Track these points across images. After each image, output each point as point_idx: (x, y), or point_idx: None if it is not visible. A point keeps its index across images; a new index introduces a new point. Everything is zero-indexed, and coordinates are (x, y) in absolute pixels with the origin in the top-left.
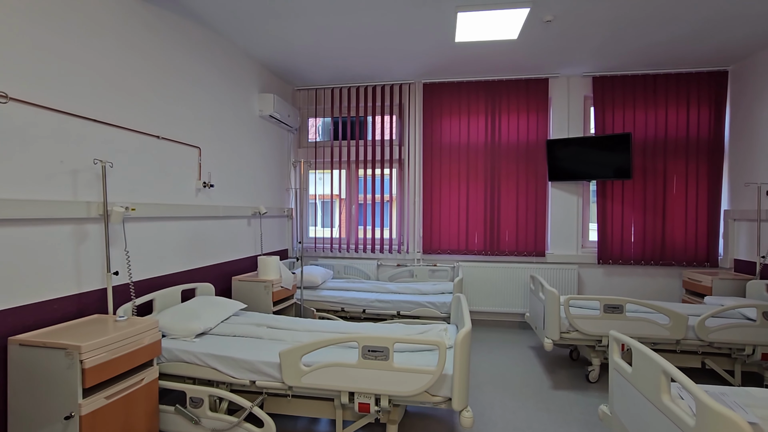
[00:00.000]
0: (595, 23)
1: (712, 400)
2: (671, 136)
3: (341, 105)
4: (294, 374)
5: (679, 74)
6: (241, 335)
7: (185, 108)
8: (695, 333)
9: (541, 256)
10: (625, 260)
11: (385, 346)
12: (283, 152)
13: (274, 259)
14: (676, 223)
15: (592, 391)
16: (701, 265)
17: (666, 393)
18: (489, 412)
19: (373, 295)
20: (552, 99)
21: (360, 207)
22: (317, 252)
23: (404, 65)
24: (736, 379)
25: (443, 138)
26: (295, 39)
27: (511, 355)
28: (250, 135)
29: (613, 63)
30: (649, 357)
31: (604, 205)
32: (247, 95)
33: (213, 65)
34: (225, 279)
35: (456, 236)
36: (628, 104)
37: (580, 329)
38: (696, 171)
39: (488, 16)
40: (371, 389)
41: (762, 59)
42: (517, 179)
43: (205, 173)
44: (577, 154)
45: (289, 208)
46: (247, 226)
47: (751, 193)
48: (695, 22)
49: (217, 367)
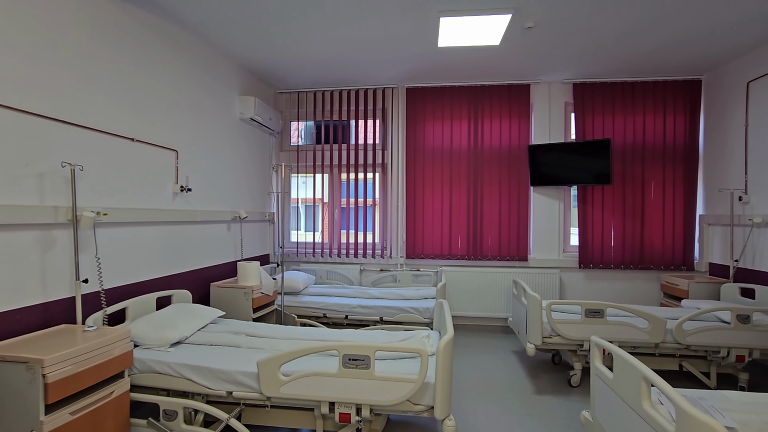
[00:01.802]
0: (574, 31)
1: (691, 407)
2: (649, 143)
3: (324, 108)
4: (272, 384)
5: (655, 82)
6: (218, 344)
7: (162, 110)
8: (673, 336)
9: (524, 261)
10: (605, 264)
11: (367, 355)
12: (265, 156)
13: (255, 264)
14: (654, 228)
15: (574, 396)
16: (678, 269)
17: (646, 399)
18: (472, 418)
19: (355, 301)
20: (534, 105)
21: (343, 211)
22: (299, 257)
23: (387, 69)
24: (711, 380)
25: (426, 142)
26: (276, 42)
27: (494, 360)
28: (230, 138)
29: (592, 70)
30: (630, 363)
31: (584, 210)
32: (227, 98)
33: (191, 67)
34: (203, 285)
35: (439, 241)
36: (608, 111)
37: (562, 334)
38: (672, 177)
39: (471, 21)
40: (352, 399)
41: (732, 69)
42: (500, 184)
43: (183, 177)
44: (559, 160)
45: (270, 213)
46: (227, 230)
47: (725, 199)
48: (670, 33)
49: (192, 377)
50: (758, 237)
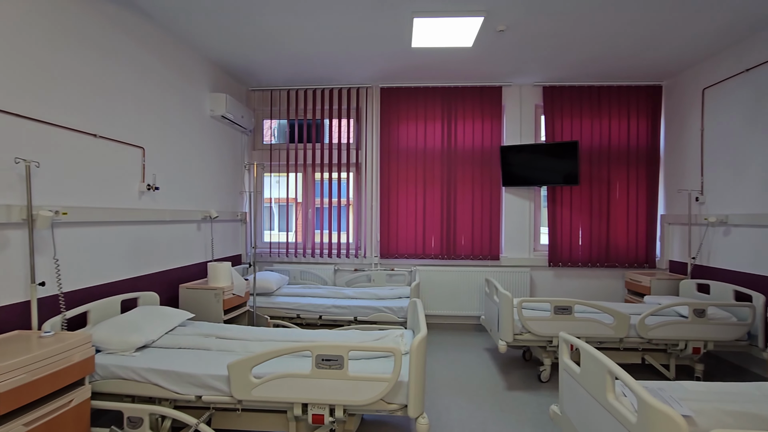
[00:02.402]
0: (544, 35)
1: (652, 397)
2: (614, 145)
3: (297, 107)
4: (243, 387)
5: (620, 87)
6: (187, 347)
7: (128, 106)
8: (636, 331)
9: (496, 260)
10: (573, 262)
11: (340, 355)
12: (237, 154)
13: (226, 265)
14: (619, 227)
15: (543, 391)
16: (641, 266)
17: (611, 392)
18: (445, 416)
19: (329, 301)
20: (505, 106)
21: (317, 211)
22: (272, 257)
23: (362, 69)
24: (671, 372)
25: (400, 142)
26: (249, 39)
27: (468, 357)
28: (201, 136)
29: (561, 74)
30: (595, 357)
31: (554, 210)
32: (197, 94)
33: (159, 62)
34: (172, 287)
35: (413, 241)
36: (576, 113)
37: (533, 331)
38: (636, 178)
39: (444, 23)
40: (325, 400)
41: (689, 76)
42: (473, 184)
43: (150, 175)
44: (529, 161)
45: (242, 212)
46: (197, 230)
47: (683, 199)
48: (633, 40)
49: (159, 382)
50: (713, 236)
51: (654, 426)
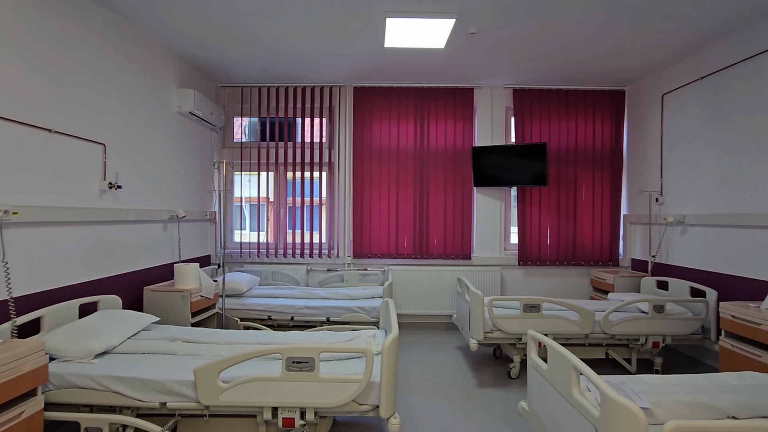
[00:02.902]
0: (514, 39)
1: (614, 392)
2: (580, 147)
3: (269, 105)
4: (211, 392)
5: (586, 91)
6: (151, 352)
7: (87, 100)
8: (601, 327)
9: (468, 259)
10: (542, 261)
11: (311, 357)
12: (206, 152)
13: (193, 266)
14: (585, 227)
15: (513, 387)
16: (605, 264)
17: (576, 387)
18: (418, 415)
19: (301, 302)
20: (477, 108)
21: (289, 210)
22: (243, 258)
23: (335, 67)
24: (632, 366)
25: (373, 142)
26: (218, 34)
27: (440, 356)
28: (167, 132)
29: (531, 77)
30: (561, 354)
31: (523, 210)
32: (163, 89)
33: (123, 55)
34: (136, 290)
35: (386, 240)
36: (544, 116)
37: (502, 328)
38: (601, 179)
39: (416, 23)
40: (296, 402)
41: (650, 82)
42: (445, 184)
43: (112, 173)
44: (500, 162)
45: (211, 212)
46: (163, 231)
47: (644, 200)
48: (598, 46)
49: (120, 390)
50: (671, 235)
51: (616, 419)
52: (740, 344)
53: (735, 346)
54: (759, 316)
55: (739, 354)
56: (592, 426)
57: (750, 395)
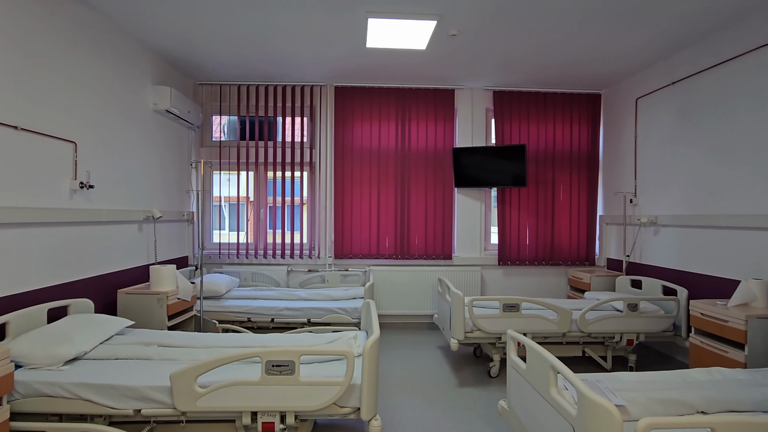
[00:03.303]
0: (494, 42)
1: (590, 390)
2: (558, 149)
3: (249, 103)
4: (188, 398)
5: (564, 94)
6: (125, 357)
7: (56, 96)
8: (578, 326)
9: (449, 259)
10: (521, 261)
11: (291, 360)
12: (183, 151)
13: (170, 268)
14: (562, 227)
15: (493, 386)
16: (582, 264)
17: (554, 386)
18: (399, 415)
19: (282, 303)
20: (458, 109)
21: (270, 211)
22: (222, 259)
23: (316, 66)
24: (608, 363)
25: (355, 142)
26: (195, 30)
27: (421, 356)
28: (142, 131)
29: (510, 79)
30: (539, 353)
31: (503, 211)
32: (138, 87)
33: (95, 50)
34: (109, 293)
35: (367, 241)
36: (524, 118)
37: (482, 328)
38: (578, 180)
39: (398, 24)
40: (276, 406)
41: (624, 86)
42: (426, 185)
43: (83, 172)
44: (480, 163)
45: (189, 212)
46: (138, 231)
47: (619, 201)
48: (575, 51)
49: (91, 398)
50: (644, 235)
51: (592, 417)
52: (709, 341)
53: (704, 343)
54: (726, 314)
55: (708, 350)
56: (570, 424)
57: (718, 390)
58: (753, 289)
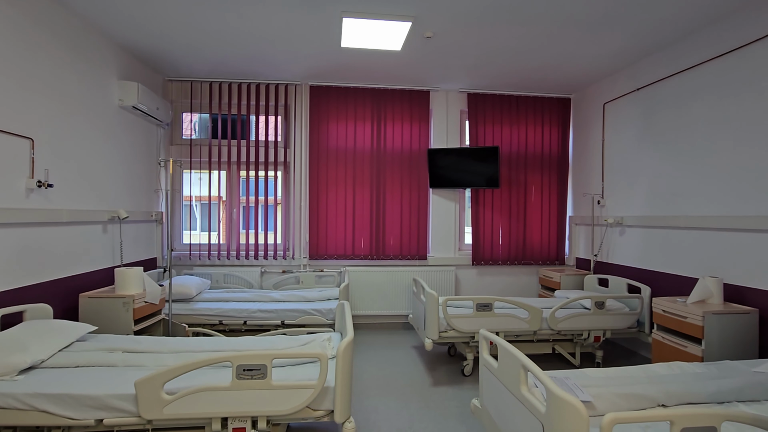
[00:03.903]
0: (468, 44)
1: (558, 388)
2: (530, 151)
3: (221, 101)
4: (154, 405)
5: (535, 97)
6: (86, 365)
7: (10, 90)
8: (548, 324)
9: (423, 259)
10: (494, 261)
11: (263, 364)
12: (151, 149)
13: (137, 270)
14: (534, 227)
15: (467, 384)
16: (552, 263)
17: (524, 384)
18: (374, 416)
19: (255, 305)
20: (433, 110)
21: (243, 211)
22: (193, 260)
23: (290, 65)
24: (576, 359)
25: (330, 142)
26: (164, 24)
27: (396, 356)
28: (107, 127)
29: (484, 82)
30: (510, 352)
31: (477, 211)
32: (102, 81)
33: (54, 42)
34: (70, 297)
35: (343, 241)
36: (497, 120)
37: (456, 328)
38: (549, 182)
39: (373, 25)
40: (247, 411)
41: (593, 91)
42: (401, 186)
43: (41, 170)
44: (455, 164)
45: (158, 212)
46: (103, 233)
47: (587, 202)
48: (545, 56)
49: (48, 409)
50: (611, 235)
51: (560, 414)
52: (670, 336)
53: (665, 338)
54: (685, 310)
55: (669, 345)
56: (539, 421)
57: (677, 384)
58: (709, 286)
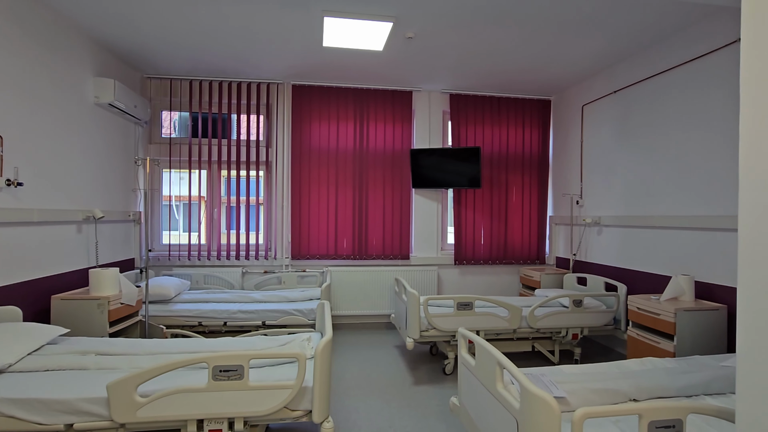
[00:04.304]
0: (449, 46)
1: (531, 384)
2: (511, 152)
3: (201, 99)
4: (127, 408)
5: (516, 99)
6: (57, 369)
7: None
8: (527, 322)
9: (406, 259)
10: (476, 260)
11: (240, 364)
12: (129, 148)
13: (112, 271)
14: (515, 227)
15: (447, 383)
16: (533, 262)
17: (500, 381)
18: (354, 416)
19: (235, 306)
20: (415, 111)
21: (224, 211)
22: (172, 261)
23: (272, 64)
24: (555, 356)
25: (312, 142)
26: (142, 20)
27: (378, 355)
28: (82, 125)
29: (466, 83)
30: (487, 350)
31: (459, 211)
32: (77, 78)
33: (26, 36)
34: (41, 299)
35: (325, 241)
36: (479, 121)
37: (437, 327)
38: (530, 182)
39: (355, 24)
40: (223, 413)
41: (572, 93)
42: (384, 186)
43: (10, 168)
44: (437, 164)
45: (136, 212)
46: (77, 233)
47: (567, 202)
48: (525, 58)
49: (15, 414)
50: (589, 234)
51: (533, 410)
52: (644, 333)
53: (640, 335)
54: (658, 307)
55: (643, 342)
56: (514, 418)
57: (648, 379)
58: (682, 284)
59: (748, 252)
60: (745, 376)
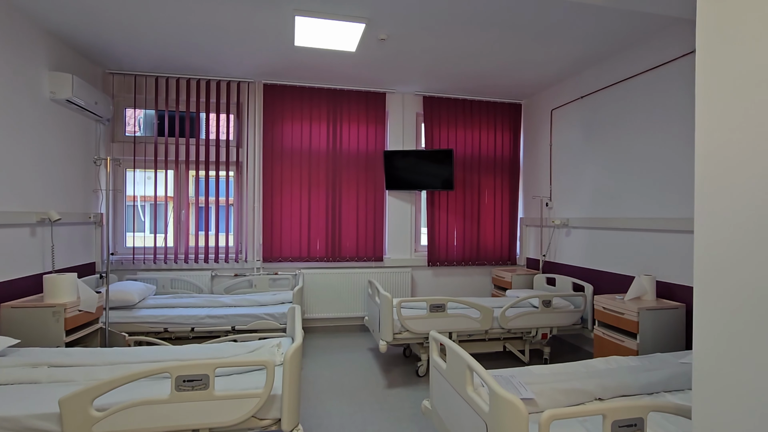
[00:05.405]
0: (422, 48)
1: (499, 386)
2: (483, 154)
3: (168, 97)
4: (81, 424)
5: (488, 102)
6: (4, 383)
7: None
8: (499, 323)
9: (380, 261)
10: (449, 262)
11: (205, 374)
12: (89, 146)
13: (69, 276)
14: (487, 229)
15: (421, 385)
16: (505, 263)
17: (470, 384)
18: (326, 421)
19: (203, 311)
20: (389, 112)
21: (192, 212)
22: (137, 264)
23: (242, 62)
24: (526, 356)
25: (284, 142)
26: (103, 12)
27: (351, 359)
28: (36, 122)
29: (439, 86)
30: (457, 353)
31: (432, 213)
32: (31, 72)
33: None
34: None
35: (298, 243)
36: (452, 123)
37: (410, 329)
38: (501, 185)
39: (327, 24)
40: (187, 424)
41: (541, 98)
42: (357, 187)
43: None
44: (411, 166)
45: (97, 214)
46: (30, 236)
47: (537, 204)
48: (494, 63)
49: None
50: (558, 236)
51: (502, 412)
52: (609, 332)
53: (605, 334)
54: (622, 306)
55: (609, 340)
56: (483, 420)
57: (612, 378)
58: (644, 284)
59: (704, 253)
60: (701, 373)
